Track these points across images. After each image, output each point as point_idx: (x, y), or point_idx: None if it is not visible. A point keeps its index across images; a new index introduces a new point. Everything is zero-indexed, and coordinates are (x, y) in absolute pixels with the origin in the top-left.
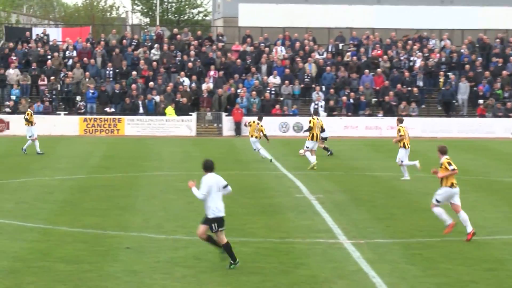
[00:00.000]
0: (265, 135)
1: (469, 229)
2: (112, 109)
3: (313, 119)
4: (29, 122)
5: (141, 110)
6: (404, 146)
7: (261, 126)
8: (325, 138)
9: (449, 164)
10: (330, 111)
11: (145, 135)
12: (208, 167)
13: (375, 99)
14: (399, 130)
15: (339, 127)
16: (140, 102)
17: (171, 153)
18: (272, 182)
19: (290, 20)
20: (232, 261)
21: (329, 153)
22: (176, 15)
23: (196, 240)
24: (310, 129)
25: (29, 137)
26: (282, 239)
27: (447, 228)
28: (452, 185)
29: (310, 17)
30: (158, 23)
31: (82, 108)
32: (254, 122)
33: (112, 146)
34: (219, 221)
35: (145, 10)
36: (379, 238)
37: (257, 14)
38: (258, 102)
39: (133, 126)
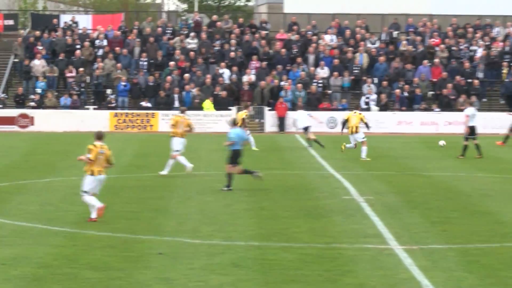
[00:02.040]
0: (244, 123)
1: (93, 215)
2: (148, 104)
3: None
4: None
5: (176, 104)
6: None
7: (245, 113)
8: (305, 129)
9: (89, 151)
10: (383, 105)
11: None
12: None
13: (432, 92)
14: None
15: (392, 122)
16: (176, 96)
17: (208, 151)
18: (318, 183)
19: (340, 6)
20: None
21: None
22: (216, 1)
23: (234, 245)
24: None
25: None
26: (327, 244)
27: (90, 218)
28: (93, 173)
29: (362, 3)
30: (196, 9)
31: (113, 102)
32: (242, 112)
33: (144, 143)
34: None
35: None
36: (434, 243)
37: None
38: (304, 96)
39: (168, 121)
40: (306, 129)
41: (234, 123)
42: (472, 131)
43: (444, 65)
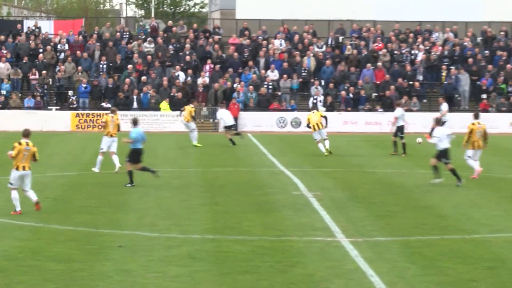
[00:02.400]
0: (193, 117)
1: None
2: (109, 105)
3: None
4: None
5: (135, 105)
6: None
7: (192, 108)
8: (230, 127)
9: (12, 148)
10: (329, 106)
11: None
12: None
13: (375, 94)
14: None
15: (338, 122)
16: (134, 97)
17: (165, 149)
18: (269, 179)
19: (289, 12)
20: None
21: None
22: (171, 7)
23: (190, 238)
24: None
25: None
26: (278, 237)
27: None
28: (17, 168)
29: (309, 9)
30: (153, 15)
31: (75, 103)
32: (189, 106)
33: None
34: None
35: (140, 2)
36: (378, 236)
37: (255, 6)
38: (255, 97)
39: (127, 121)
40: (230, 127)
41: (135, 123)
42: (400, 130)
43: (386, 68)
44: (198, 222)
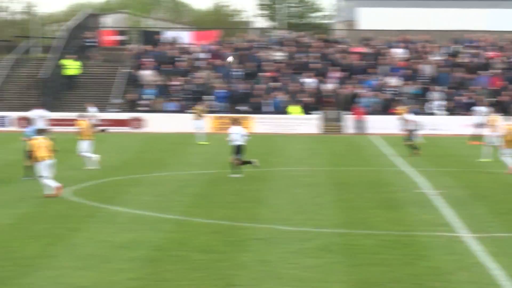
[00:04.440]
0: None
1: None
2: (245, 108)
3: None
4: None
5: (266, 109)
6: (83, 139)
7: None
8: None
9: None
10: (447, 110)
11: (273, 133)
12: None
13: (491, 99)
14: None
15: (456, 125)
16: (266, 101)
17: (297, 149)
18: (392, 178)
19: (407, 22)
20: None
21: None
22: (299, 19)
23: (322, 232)
24: None
25: None
26: (403, 232)
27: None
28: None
29: (427, 20)
30: (282, 26)
31: (212, 107)
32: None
33: None
34: None
35: (270, 15)
36: (500, 232)
37: (376, 17)
38: (378, 102)
39: (262, 124)
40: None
41: None
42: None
43: (502, 74)
44: (329, 217)
